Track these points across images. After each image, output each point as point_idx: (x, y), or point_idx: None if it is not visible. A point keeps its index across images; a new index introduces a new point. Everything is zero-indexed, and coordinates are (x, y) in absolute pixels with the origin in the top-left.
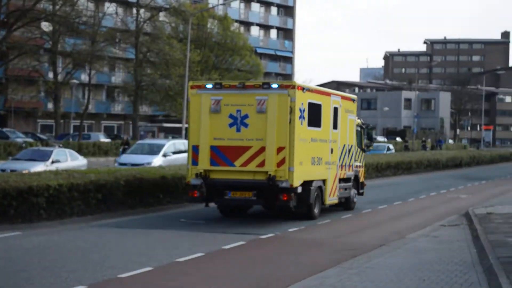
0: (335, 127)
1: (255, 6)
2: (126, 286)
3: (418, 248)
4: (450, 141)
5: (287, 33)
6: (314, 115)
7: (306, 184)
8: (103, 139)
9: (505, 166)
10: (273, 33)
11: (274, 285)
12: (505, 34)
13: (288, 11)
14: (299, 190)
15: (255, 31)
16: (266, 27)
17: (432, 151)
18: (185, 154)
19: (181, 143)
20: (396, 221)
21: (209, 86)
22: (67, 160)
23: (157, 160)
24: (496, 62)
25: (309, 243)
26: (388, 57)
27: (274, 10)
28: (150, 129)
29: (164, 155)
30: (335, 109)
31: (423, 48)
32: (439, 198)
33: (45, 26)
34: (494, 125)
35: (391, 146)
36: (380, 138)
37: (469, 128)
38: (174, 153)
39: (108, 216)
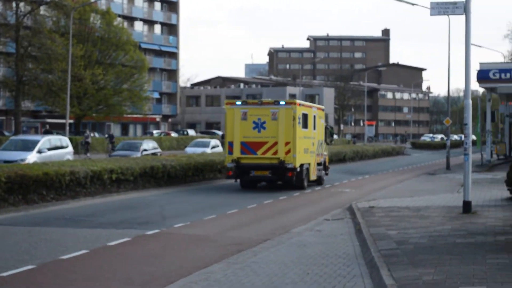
0: (314, 128)
1: (139, 1)
2: (8, 285)
3: (303, 242)
4: (335, 136)
5: (171, 29)
6: (304, 121)
7: (301, 166)
8: None
9: (387, 160)
10: (157, 28)
11: (160, 281)
12: (386, 32)
13: (172, 6)
14: (298, 169)
15: (139, 26)
16: (150, 22)
17: None
18: (61, 150)
19: (58, 139)
20: (281, 216)
21: (239, 103)
22: None
23: (31, 157)
24: (377, 59)
25: (195, 238)
26: (273, 53)
27: (158, 5)
28: (33, 124)
29: (39, 152)
30: (314, 116)
31: (306, 44)
32: (324, 192)
33: None
34: (376, 120)
35: None
36: None
37: (352, 124)
38: (50, 149)
39: None
